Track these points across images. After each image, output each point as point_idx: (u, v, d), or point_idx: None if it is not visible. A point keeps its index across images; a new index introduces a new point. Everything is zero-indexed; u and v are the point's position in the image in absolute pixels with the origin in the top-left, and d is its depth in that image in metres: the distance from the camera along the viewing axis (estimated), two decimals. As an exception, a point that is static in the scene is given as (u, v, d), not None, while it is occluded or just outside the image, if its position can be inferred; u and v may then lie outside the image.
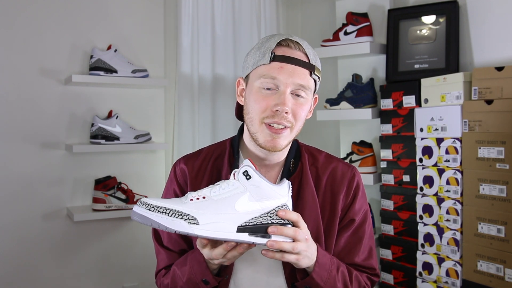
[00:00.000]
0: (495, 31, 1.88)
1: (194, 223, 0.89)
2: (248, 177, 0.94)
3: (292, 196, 1.11)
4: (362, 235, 1.18)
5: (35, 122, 2.18)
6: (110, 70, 2.21)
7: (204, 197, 0.93)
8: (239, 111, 1.22)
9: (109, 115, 2.27)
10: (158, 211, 0.89)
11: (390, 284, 2.07)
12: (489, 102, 1.70)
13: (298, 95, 1.08)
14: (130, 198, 2.25)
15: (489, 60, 1.90)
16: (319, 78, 1.12)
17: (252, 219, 0.92)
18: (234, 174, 0.96)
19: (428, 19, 2.06)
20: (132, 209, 0.91)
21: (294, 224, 0.97)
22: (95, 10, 2.30)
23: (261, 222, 0.92)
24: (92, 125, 2.23)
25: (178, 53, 2.38)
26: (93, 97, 2.30)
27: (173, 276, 1.13)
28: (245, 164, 0.95)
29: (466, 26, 1.98)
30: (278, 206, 0.94)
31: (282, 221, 0.94)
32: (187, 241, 1.18)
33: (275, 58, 1.06)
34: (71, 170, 2.25)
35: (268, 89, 1.07)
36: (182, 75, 2.39)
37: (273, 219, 0.93)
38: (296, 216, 0.97)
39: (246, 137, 1.17)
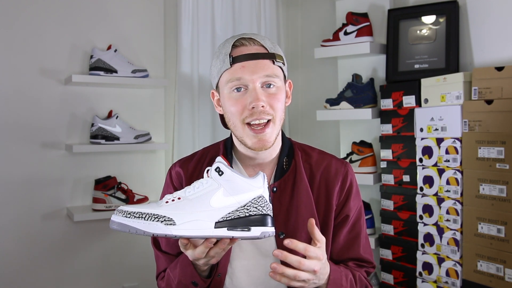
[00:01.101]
0: (495, 31, 1.88)
1: (171, 224, 0.89)
2: (220, 173, 0.94)
3: (282, 193, 1.11)
4: (359, 230, 1.20)
5: (35, 122, 2.18)
6: (110, 70, 2.21)
7: (179, 198, 0.93)
8: (224, 121, 1.23)
9: (109, 115, 2.27)
10: (135, 216, 0.89)
11: (390, 284, 2.07)
12: (489, 102, 1.70)
13: (269, 86, 1.09)
14: (130, 198, 2.25)
15: (489, 60, 1.90)
16: (283, 63, 1.12)
17: (229, 213, 0.92)
18: (207, 172, 0.97)
19: (428, 19, 2.06)
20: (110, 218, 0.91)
21: (303, 254, 0.96)
22: (95, 10, 2.30)
23: (238, 215, 0.92)
24: (92, 125, 2.23)
25: (178, 53, 2.38)
26: (93, 97, 2.30)
27: (168, 279, 1.15)
28: (217, 161, 0.96)
29: (466, 26, 1.98)
30: (254, 198, 0.94)
31: (260, 212, 0.94)
32: None
33: (234, 60, 1.07)
34: (71, 170, 2.25)
35: (238, 90, 1.08)
36: (182, 75, 2.39)
37: (250, 211, 0.93)
38: (303, 247, 0.95)
39: (235, 140, 1.19)
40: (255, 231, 0.92)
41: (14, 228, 2.13)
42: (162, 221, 0.89)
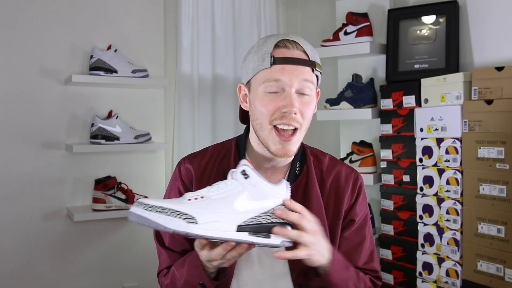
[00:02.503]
0: (495, 31, 1.88)
1: (193, 222, 0.86)
2: (246, 176, 0.92)
3: (294, 197, 1.11)
4: (363, 238, 1.19)
5: (35, 122, 2.18)
6: (110, 70, 2.21)
7: (202, 197, 0.91)
8: (243, 116, 1.22)
9: (109, 115, 2.27)
10: (156, 210, 0.86)
11: (390, 284, 2.07)
12: (489, 102, 1.70)
13: (303, 94, 1.07)
14: (130, 198, 2.25)
15: (489, 60, 1.90)
16: (320, 73, 1.11)
17: (251, 218, 0.90)
18: (231, 174, 0.95)
19: (428, 19, 2.06)
20: (129, 209, 0.89)
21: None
22: (95, 10, 2.30)
23: (260, 221, 0.90)
24: (92, 125, 2.23)
25: (178, 53, 2.38)
26: (93, 97, 2.30)
27: (172, 277, 1.13)
28: (243, 164, 0.94)
29: (466, 26, 1.98)
30: (277, 205, 0.92)
31: (282, 220, 0.92)
32: (190, 241, 1.17)
33: (275, 61, 1.05)
34: (71, 170, 2.25)
35: (274, 92, 1.06)
36: (182, 75, 2.39)
37: (272, 218, 0.92)
38: (299, 207, 0.96)
39: (253, 139, 1.17)
40: (275, 239, 0.91)
41: (14, 228, 2.13)
42: (184, 218, 0.86)
